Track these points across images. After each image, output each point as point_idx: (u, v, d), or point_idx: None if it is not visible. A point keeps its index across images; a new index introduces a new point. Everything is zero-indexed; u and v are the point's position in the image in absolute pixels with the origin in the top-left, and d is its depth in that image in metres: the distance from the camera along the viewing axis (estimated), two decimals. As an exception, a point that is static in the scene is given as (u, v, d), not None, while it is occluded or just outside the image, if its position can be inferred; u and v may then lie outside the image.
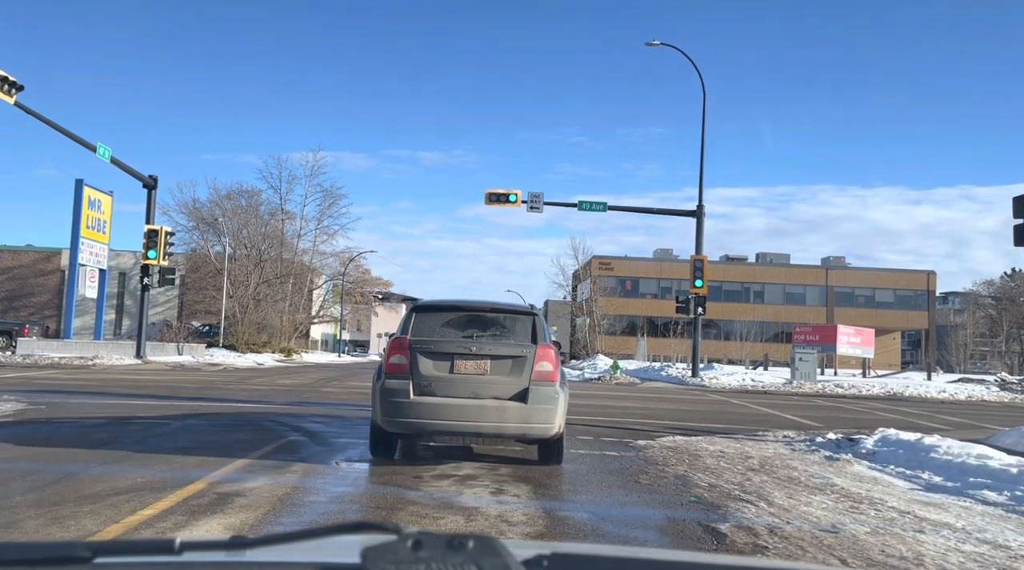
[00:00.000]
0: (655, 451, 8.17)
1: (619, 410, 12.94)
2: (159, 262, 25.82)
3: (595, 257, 65.30)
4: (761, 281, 68.06)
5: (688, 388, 23.60)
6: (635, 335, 64.49)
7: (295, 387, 15.09)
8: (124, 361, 24.89)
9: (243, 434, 8.19)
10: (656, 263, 68.35)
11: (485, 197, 27.21)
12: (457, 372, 6.58)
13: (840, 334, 33.17)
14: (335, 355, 56.35)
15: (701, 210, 27.50)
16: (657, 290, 67.98)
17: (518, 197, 27.23)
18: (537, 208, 27.39)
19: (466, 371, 6.59)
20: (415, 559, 0.91)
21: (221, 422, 9.08)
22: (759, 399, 18.62)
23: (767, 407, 15.41)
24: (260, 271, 48.44)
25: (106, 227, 30.47)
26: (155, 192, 26.33)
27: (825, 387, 24.55)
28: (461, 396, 6.49)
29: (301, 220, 57.82)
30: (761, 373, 29.47)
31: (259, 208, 54.39)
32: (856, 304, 66.84)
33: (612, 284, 64.88)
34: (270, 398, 12.09)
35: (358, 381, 17.66)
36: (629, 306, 64.34)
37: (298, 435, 8.28)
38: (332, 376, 20.71)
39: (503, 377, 6.60)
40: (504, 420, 6.42)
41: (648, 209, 28.48)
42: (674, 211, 28.43)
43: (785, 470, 7.28)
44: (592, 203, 27.52)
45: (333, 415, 10.24)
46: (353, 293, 65.63)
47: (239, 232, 48.37)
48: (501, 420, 6.42)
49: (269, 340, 45.28)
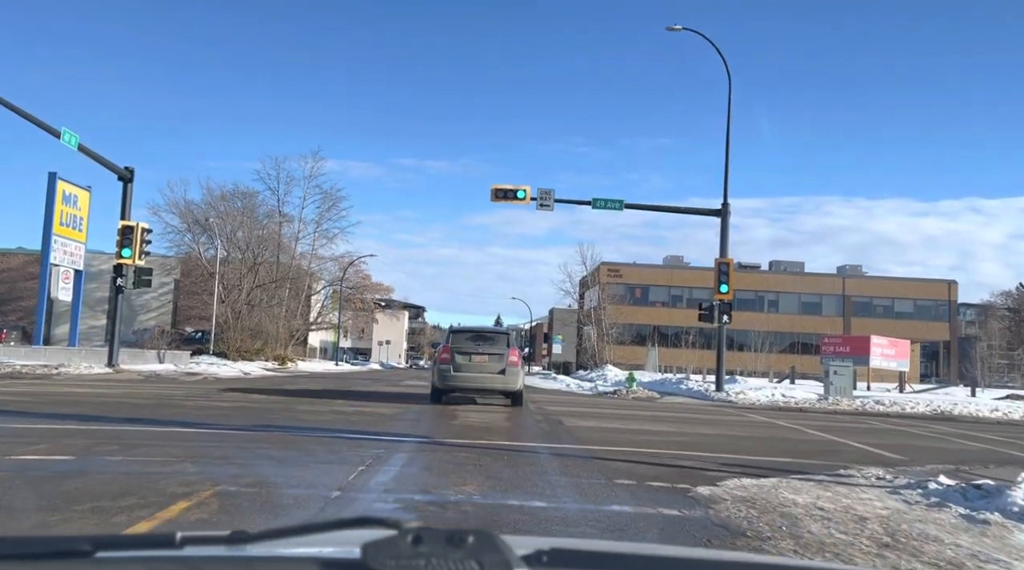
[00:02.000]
0: (728, 507, 5.90)
1: (654, 437, 10.67)
2: (135, 261, 23.64)
3: (603, 264, 63.06)
4: (776, 290, 65.71)
5: (716, 405, 21.30)
6: (645, 345, 62.15)
7: (266, 406, 12.85)
8: (93, 370, 22.68)
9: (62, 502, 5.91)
10: (666, 270, 66.07)
11: (491, 193, 25.01)
12: (472, 361, 14.25)
13: (873, 346, 30.78)
14: (333, 363, 54.11)
15: (726, 209, 25.26)
16: (667, 298, 65.68)
17: (527, 194, 25.03)
18: (547, 205, 25.19)
19: (477, 360, 14.24)
20: (415, 554, 0.92)
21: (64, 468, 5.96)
22: (802, 419, 16.32)
23: (822, 431, 13.12)
24: (254, 275, 46.27)
25: (83, 224, 28.33)
26: (131, 185, 24.18)
27: (864, 404, 22.23)
28: (474, 372, 14.21)
29: (299, 223, 55.82)
30: (790, 387, 27.13)
31: (255, 210, 52.36)
32: (875, 314, 64.42)
33: (621, 292, 62.63)
34: (222, 422, 9.86)
35: (344, 402, 15.47)
36: (638, 315, 62.05)
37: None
38: (320, 389, 18.53)
39: (493, 363, 14.22)
40: (494, 383, 14.32)
41: (668, 207, 26.25)
42: (697, 210, 26.20)
43: (927, 543, 5.01)
44: (607, 201, 25.30)
45: (294, 456, 7.99)
46: (353, 299, 63.44)
47: (232, 234, 46.23)
48: (493, 383, 14.31)
49: (262, 347, 43.08)
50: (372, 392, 17.93)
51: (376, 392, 17.90)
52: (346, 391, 18.12)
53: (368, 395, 16.77)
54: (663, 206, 26.23)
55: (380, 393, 17.71)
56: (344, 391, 18.11)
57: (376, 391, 17.92)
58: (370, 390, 18.96)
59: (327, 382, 24.60)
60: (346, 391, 18.12)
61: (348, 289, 60.49)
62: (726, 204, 25.27)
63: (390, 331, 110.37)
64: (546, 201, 25.15)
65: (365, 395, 16.64)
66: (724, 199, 25.32)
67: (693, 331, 61.28)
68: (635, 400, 22.45)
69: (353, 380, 27.48)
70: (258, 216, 52.61)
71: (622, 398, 23.16)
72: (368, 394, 17.14)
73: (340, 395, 16.04)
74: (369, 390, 19.00)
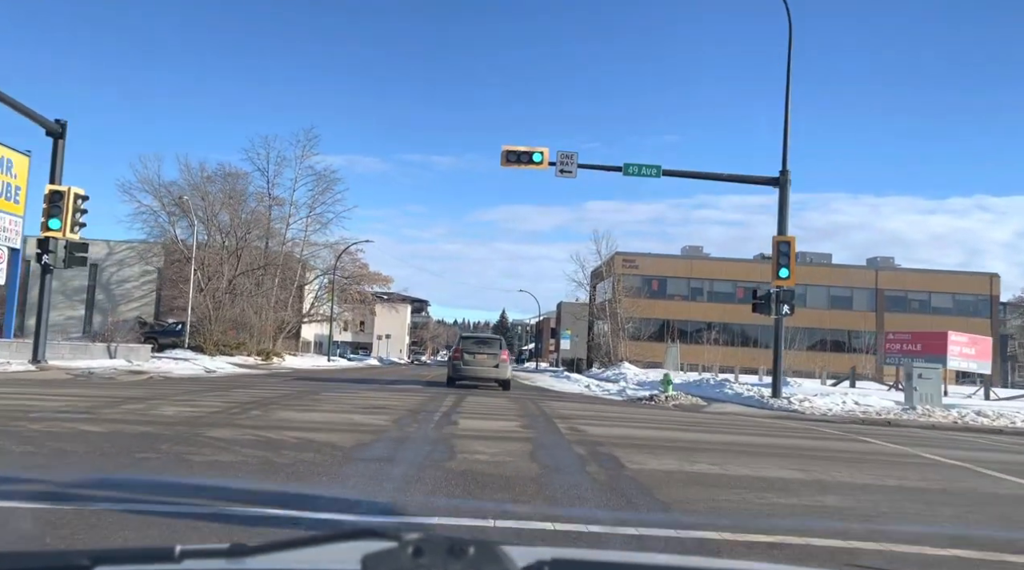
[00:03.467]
0: None
1: (782, 494, 6.32)
2: (65, 235, 19.34)
3: (618, 254, 58.65)
4: (802, 282, 61.13)
5: (781, 416, 16.97)
6: (662, 340, 57.77)
7: (159, 430, 8.50)
8: (11, 368, 18.44)
9: None
10: (685, 261, 61.66)
11: (502, 156, 20.70)
12: (476, 358, 21.20)
13: (951, 343, 26.14)
14: (325, 358, 49.85)
15: (786, 177, 20.90)
16: (686, 291, 61.30)
17: (544, 157, 20.71)
18: (568, 171, 20.85)
19: (479, 358, 21.22)
20: (416, 566, 0.91)
21: None
22: (920, 441, 11.96)
23: (1007, 473, 8.78)
24: (237, 261, 42.00)
25: (20, 195, 24.04)
26: (63, 142, 19.87)
27: (963, 415, 17.87)
28: (477, 366, 21.09)
29: (291, 207, 51.59)
30: (860, 393, 22.66)
31: (244, 193, 48.10)
32: (910, 309, 59.96)
33: (636, 284, 58.16)
34: (51, 464, 5.64)
35: (297, 413, 10.48)
36: (655, 308, 57.59)
37: None
38: (276, 397, 14.23)
39: (490, 360, 21.14)
40: (490, 374, 21.21)
41: (714, 175, 21.84)
42: (749, 178, 21.81)
43: None
44: (642, 166, 20.95)
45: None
46: (350, 291, 59.14)
47: (214, 216, 41.92)
48: (489, 374, 21.20)
49: (244, 341, 38.85)
50: (347, 400, 13.64)
51: (352, 401, 13.61)
52: (311, 398, 13.84)
53: (337, 404, 12.48)
54: (708, 174, 21.85)
55: (359, 402, 13.41)
56: (308, 398, 13.82)
57: (353, 400, 13.59)
58: (346, 397, 14.65)
59: (301, 384, 20.35)
60: (311, 398, 13.84)
61: (343, 279, 56.23)
62: (785, 171, 20.92)
63: (391, 325, 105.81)
64: (567, 166, 20.82)
65: (332, 406, 12.36)
66: (783, 165, 20.97)
67: (717, 326, 56.89)
68: (679, 410, 18.15)
69: (336, 380, 23.22)
70: (247, 199, 48.38)
71: (661, 406, 18.85)
72: (340, 403, 12.86)
73: (296, 406, 11.74)
74: (345, 396, 14.70)
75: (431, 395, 15.88)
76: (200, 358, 34.47)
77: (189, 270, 41.44)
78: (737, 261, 63.45)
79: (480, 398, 16.19)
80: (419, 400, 14.03)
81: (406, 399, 14.19)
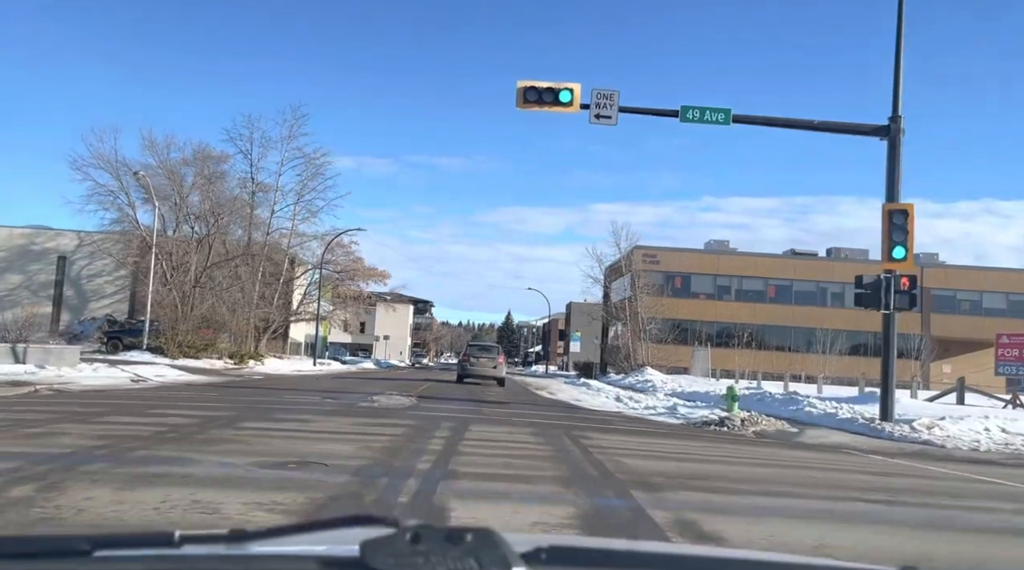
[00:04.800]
0: None
1: None
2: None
3: (638, 248, 53.27)
4: (839, 280, 55.73)
5: (930, 455, 11.64)
6: (686, 343, 52.40)
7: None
8: None
9: None
10: (712, 256, 56.27)
11: (518, 95, 15.45)
12: (479, 360, 28.03)
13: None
14: (311, 362, 44.57)
15: (898, 124, 15.59)
16: (712, 289, 55.91)
17: (574, 96, 15.45)
18: (607, 116, 15.59)
19: (481, 360, 28.04)
20: (414, 552, 0.92)
21: None
22: None
23: None
24: (208, 250, 36.78)
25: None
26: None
27: None
28: (479, 367, 27.67)
29: (276, 193, 46.40)
30: (988, 414, 17.18)
31: (222, 175, 42.91)
32: (959, 310, 54.55)
33: (658, 281, 52.76)
34: None
35: (113, 492, 5.60)
36: (678, 308, 52.12)
37: None
38: (145, 437, 8.93)
39: (490, 362, 27.87)
40: (490, 373, 27.55)
41: (806, 123, 16.41)
42: (851, 126, 16.43)
43: None
44: (706, 111, 15.68)
45: None
46: (343, 287, 53.87)
47: (182, 199, 36.65)
48: (488, 373, 27.55)
49: (213, 343, 33.65)
50: (264, 443, 8.33)
51: (272, 445, 8.32)
52: (201, 440, 8.60)
53: (230, 461, 7.23)
54: (794, 121, 16.48)
55: (281, 448, 8.13)
56: (198, 439, 8.57)
57: (273, 444, 8.15)
58: (273, 434, 9.34)
59: (239, 402, 15.12)
60: (201, 440, 8.60)
61: (335, 273, 51.02)
62: (898, 116, 15.60)
63: (393, 325, 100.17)
64: (605, 110, 15.55)
65: (212, 465, 7.15)
66: (894, 110, 15.65)
67: (747, 329, 51.45)
68: (761, 439, 12.86)
69: (300, 392, 18.01)
70: (225, 181, 43.17)
71: (738, 434, 13.56)
72: (246, 449, 7.58)
73: (138, 468, 6.48)
74: (271, 433, 9.39)
75: (415, 426, 10.59)
76: (157, 361, 29.31)
77: (152, 260, 36.30)
78: (767, 256, 58.13)
79: (489, 429, 10.92)
80: (391, 440, 8.77)
81: (371, 438, 8.90)
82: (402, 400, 16.05)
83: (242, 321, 38.70)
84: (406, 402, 15.65)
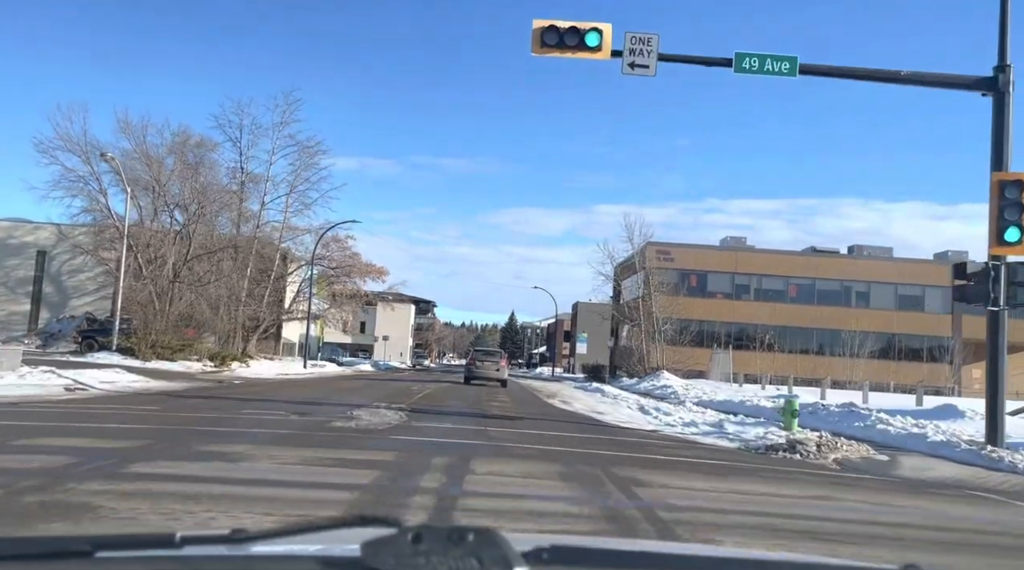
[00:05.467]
0: None
1: None
2: None
3: (650, 244, 50.11)
4: (864, 279, 52.63)
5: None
6: (702, 345, 49.26)
7: None
8: None
9: None
10: (729, 253, 53.11)
11: (534, 38, 12.41)
12: (484, 364, 31.54)
13: None
14: (310, 364, 41.52)
15: (1006, 73, 12.52)
16: (730, 288, 52.77)
17: (603, 39, 12.41)
18: (644, 66, 12.53)
19: (486, 364, 31.50)
20: (415, 552, 0.91)
21: None
22: None
23: None
24: (189, 242, 33.76)
25: None
26: None
27: None
28: (484, 370, 31.02)
29: (267, 183, 43.42)
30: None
31: (209, 163, 39.94)
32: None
33: (672, 279, 49.56)
34: None
35: None
36: (693, 308, 48.82)
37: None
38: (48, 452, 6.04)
39: (493, 366, 31.32)
40: (492, 375, 30.74)
41: (892, 75, 13.26)
42: (948, 78, 13.25)
43: None
44: (766, 60, 12.62)
45: None
46: (339, 284, 50.86)
47: (160, 186, 33.61)
48: (491, 375, 30.74)
49: (191, 343, 30.69)
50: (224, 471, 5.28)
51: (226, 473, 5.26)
52: (106, 495, 5.60)
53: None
54: (879, 72, 13.39)
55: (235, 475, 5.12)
56: (111, 488, 5.56)
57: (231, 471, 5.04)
58: (225, 464, 6.28)
59: (209, 410, 12.13)
60: (106, 495, 5.60)
61: (330, 269, 48.05)
62: (1006, 65, 12.53)
63: (394, 326, 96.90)
64: (641, 57, 12.50)
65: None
66: (1001, 57, 12.59)
67: (772, 329, 48.31)
68: (855, 475, 9.79)
69: (267, 403, 15.01)
70: (213, 169, 40.17)
71: (816, 465, 10.48)
72: (136, 510, 4.55)
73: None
74: (224, 462, 6.33)
75: (394, 464, 7.54)
76: (125, 364, 26.32)
77: (133, 257, 33.36)
78: (788, 253, 54.99)
79: (499, 468, 7.85)
80: (349, 498, 5.74)
81: (318, 492, 5.84)
82: (389, 416, 13.01)
83: (227, 320, 35.71)
84: (393, 419, 12.61)
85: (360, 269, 49.49)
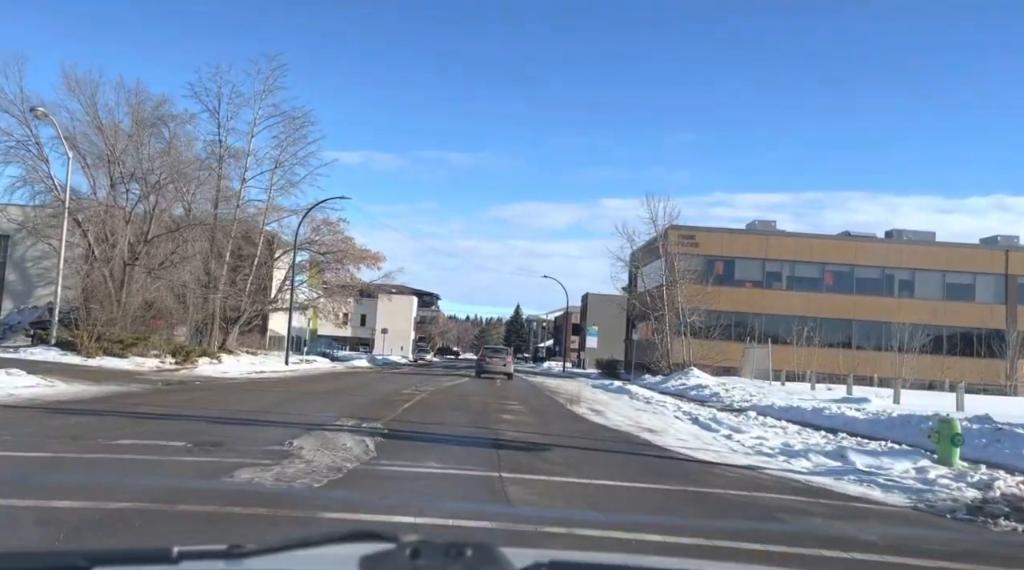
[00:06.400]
0: None
1: None
2: None
3: (672, 227, 45.41)
4: (907, 266, 47.84)
5: None
6: (730, 338, 44.64)
7: None
8: None
9: None
10: (758, 238, 48.38)
11: None
12: (492, 360, 35.35)
13: None
14: (291, 360, 36.97)
15: None
16: (760, 276, 48.06)
17: None
18: None
19: (494, 360, 35.31)
20: (413, 568, 0.90)
21: None
22: None
23: None
24: (150, 220, 29.17)
25: None
26: None
27: None
28: (492, 365, 34.78)
29: (248, 158, 38.85)
30: None
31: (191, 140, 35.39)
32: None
33: (697, 265, 44.85)
34: None
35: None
36: (720, 298, 44.09)
37: None
38: None
39: (500, 362, 35.11)
40: (500, 370, 34.41)
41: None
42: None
43: None
44: None
45: None
46: (331, 274, 46.27)
47: (112, 152, 28.96)
48: (499, 369, 34.41)
49: (146, 336, 26.19)
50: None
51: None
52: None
53: None
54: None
55: None
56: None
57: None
58: None
59: (71, 442, 7.74)
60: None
61: (320, 255, 43.52)
62: None
63: (395, 318, 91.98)
64: None
65: None
66: None
67: (812, 321, 43.55)
68: None
69: (197, 424, 10.51)
70: (193, 148, 35.61)
71: (1006, 533, 5.93)
72: None
73: None
74: None
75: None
76: (59, 361, 21.94)
77: (82, 235, 28.89)
78: (821, 237, 50.22)
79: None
80: None
81: None
82: (348, 447, 8.45)
83: (198, 310, 31.23)
84: (352, 454, 8.06)
85: (354, 255, 44.94)
